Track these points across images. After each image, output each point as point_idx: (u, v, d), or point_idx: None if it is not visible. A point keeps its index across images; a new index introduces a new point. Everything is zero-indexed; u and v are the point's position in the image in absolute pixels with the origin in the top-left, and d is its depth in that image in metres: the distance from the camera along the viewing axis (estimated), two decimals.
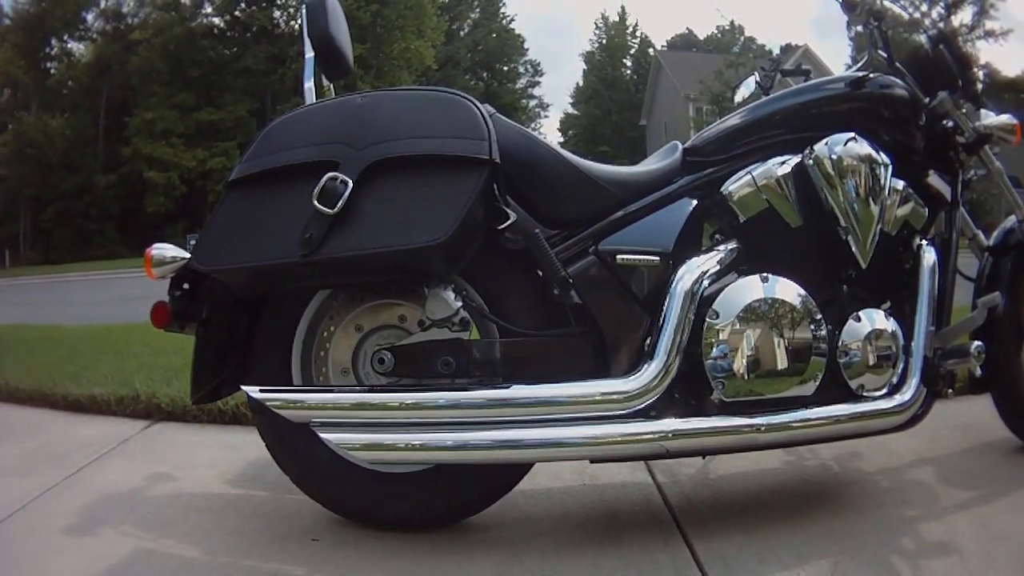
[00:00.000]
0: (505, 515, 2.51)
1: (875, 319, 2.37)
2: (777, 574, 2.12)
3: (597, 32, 67.74)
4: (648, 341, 2.29)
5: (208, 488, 2.99)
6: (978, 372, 2.52)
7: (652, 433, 2.19)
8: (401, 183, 2.12)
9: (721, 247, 2.43)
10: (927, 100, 2.69)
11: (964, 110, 2.76)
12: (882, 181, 2.42)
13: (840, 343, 2.33)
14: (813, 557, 2.19)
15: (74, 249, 37.55)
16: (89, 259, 33.21)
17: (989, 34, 47.15)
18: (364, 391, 2.29)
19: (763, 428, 2.22)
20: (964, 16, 46.10)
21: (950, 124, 2.73)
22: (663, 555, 2.22)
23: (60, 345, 6.18)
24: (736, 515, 2.47)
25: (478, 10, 64.12)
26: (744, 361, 2.26)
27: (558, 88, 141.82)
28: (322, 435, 2.20)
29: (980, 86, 2.86)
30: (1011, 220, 2.98)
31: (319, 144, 2.14)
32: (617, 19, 67.40)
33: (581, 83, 67.36)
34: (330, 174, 2.09)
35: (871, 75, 2.63)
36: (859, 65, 2.90)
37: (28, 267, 34.84)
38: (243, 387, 2.27)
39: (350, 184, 2.09)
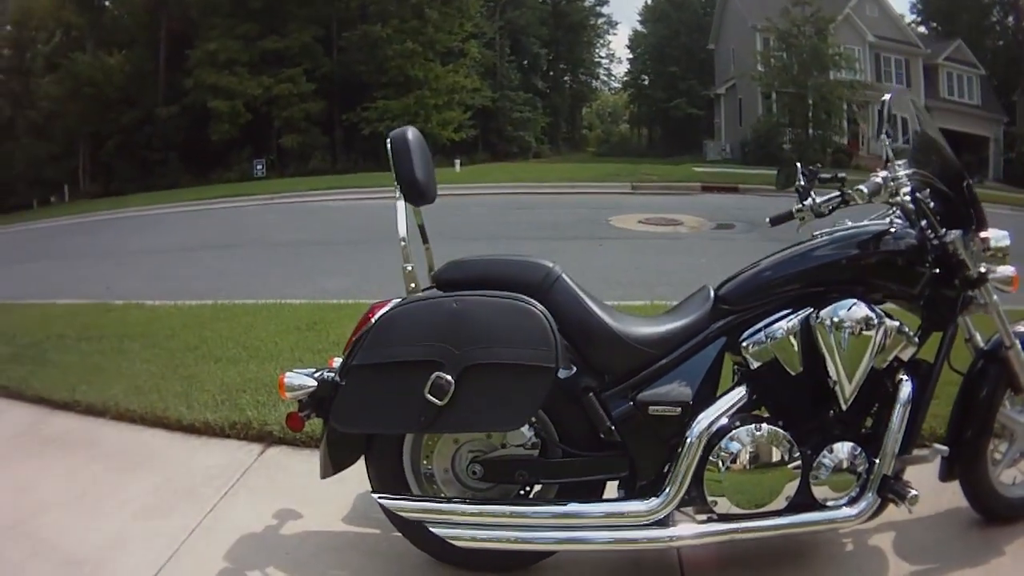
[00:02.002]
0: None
1: (845, 452, 3.29)
2: None
3: None
4: (667, 466, 3.24)
5: (330, 526, 3.86)
6: (910, 510, 3.40)
7: (664, 537, 3.20)
8: (490, 381, 3.03)
9: (732, 393, 3.28)
10: (942, 233, 3.41)
11: (974, 248, 3.45)
12: (876, 339, 3.26)
13: (813, 468, 3.25)
14: None
15: (135, 179, 38.03)
16: (150, 189, 33.43)
17: None
18: (456, 503, 3.28)
19: (745, 531, 3.23)
20: None
21: (958, 258, 3.43)
22: None
23: (149, 340, 6.86)
24: (732, 569, 3.45)
25: None
26: (734, 488, 3.21)
27: (625, 5, 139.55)
28: (432, 530, 3.21)
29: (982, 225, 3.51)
30: (996, 335, 3.68)
31: (426, 344, 3.03)
32: None
33: (650, 1, 65.88)
34: (437, 374, 2.99)
35: (890, 230, 3.43)
36: (882, 215, 3.65)
37: (88, 201, 35.83)
38: (375, 496, 3.31)
39: (453, 384, 2.99)
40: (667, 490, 3.15)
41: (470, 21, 46.20)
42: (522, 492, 3.40)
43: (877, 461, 3.28)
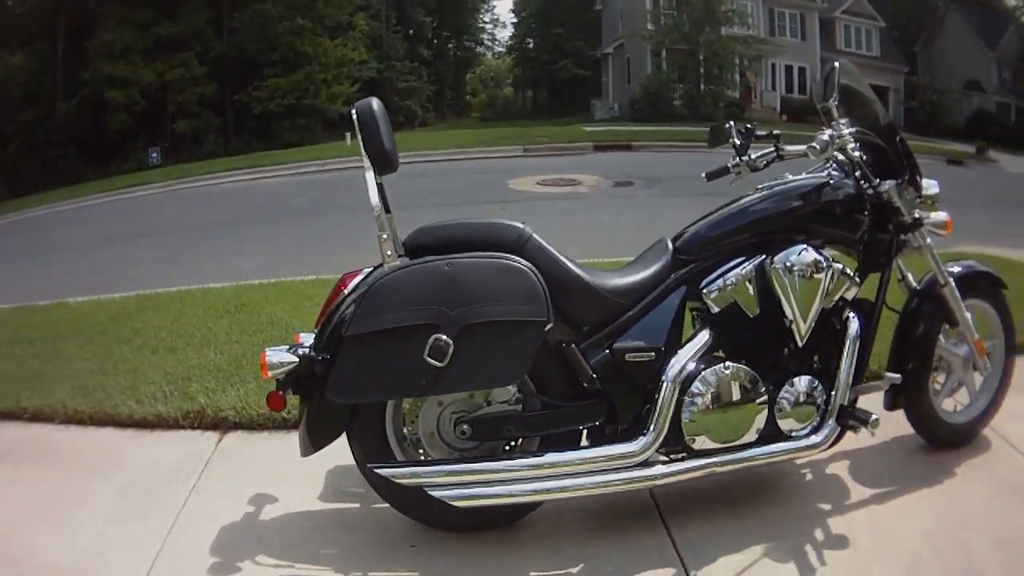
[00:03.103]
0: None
1: (804, 385, 3.65)
2: (725, 557, 3.39)
3: None
4: (644, 410, 3.49)
5: (309, 506, 3.90)
6: (872, 433, 3.78)
7: (649, 476, 3.43)
8: (486, 339, 3.19)
9: (697, 337, 3.58)
10: (876, 183, 3.87)
11: (907, 196, 3.89)
12: (825, 281, 3.63)
13: (777, 401, 3.60)
14: (752, 543, 3.47)
15: (38, 178, 36.99)
16: (53, 187, 32.70)
17: None
18: (454, 463, 3.39)
19: (720, 464, 3.53)
20: None
21: (892, 205, 3.86)
22: (650, 539, 3.56)
23: (83, 338, 6.67)
24: (702, 508, 3.73)
25: None
26: (708, 426, 3.52)
27: None
28: (432, 493, 3.30)
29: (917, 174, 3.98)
30: (929, 273, 4.11)
31: (421, 308, 3.15)
32: None
33: None
34: (435, 336, 3.13)
35: (829, 181, 3.84)
36: (819, 168, 4.02)
37: None
38: (370, 466, 3.38)
39: (452, 345, 3.14)
40: (650, 431, 3.40)
41: None
42: (506, 448, 3.59)
43: (834, 393, 3.68)
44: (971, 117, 38.84)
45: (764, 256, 3.61)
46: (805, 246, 3.62)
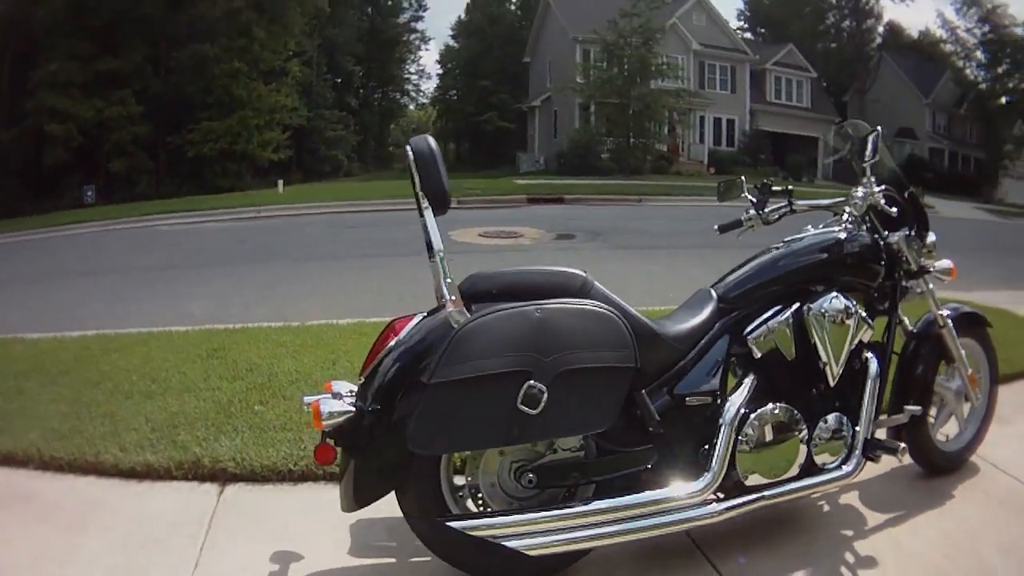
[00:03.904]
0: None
1: (835, 421, 3.88)
2: None
3: None
4: (701, 451, 3.60)
5: (340, 562, 3.69)
6: (900, 460, 4.18)
7: (710, 513, 3.48)
8: (578, 386, 3.15)
9: (746, 381, 3.73)
10: (886, 235, 4.23)
11: (915, 246, 4.30)
12: (852, 325, 3.90)
13: (813, 437, 3.80)
14: (792, 570, 3.65)
15: None
16: None
17: None
18: (533, 511, 3.28)
19: (768, 498, 3.67)
20: None
21: (901, 255, 4.27)
22: (698, 573, 3.66)
23: (45, 377, 6.26)
24: (739, 542, 3.84)
25: None
26: (760, 463, 3.68)
27: (439, 20, 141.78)
28: (508, 544, 3.17)
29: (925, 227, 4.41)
30: (931, 314, 4.51)
31: (513, 354, 3.06)
32: None
33: (464, 16, 66.29)
34: (529, 383, 3.06)
35: (850, 235, 4.12)
36: (838, 223, 4.28)
37: None
38: (441, 519, 3.23)
39: (546, 392, 3.07)
40: (711, 471, 3.50)
41: (293, 39, 45.57)
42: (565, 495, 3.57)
43: (858, 428, 3.94)
44: (904, 164, 39.78)
45: (799, 304, 3.87)
46: (836, 294, 3.90)
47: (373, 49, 64.48)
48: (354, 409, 3.14)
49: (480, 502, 3.44)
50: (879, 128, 4.19)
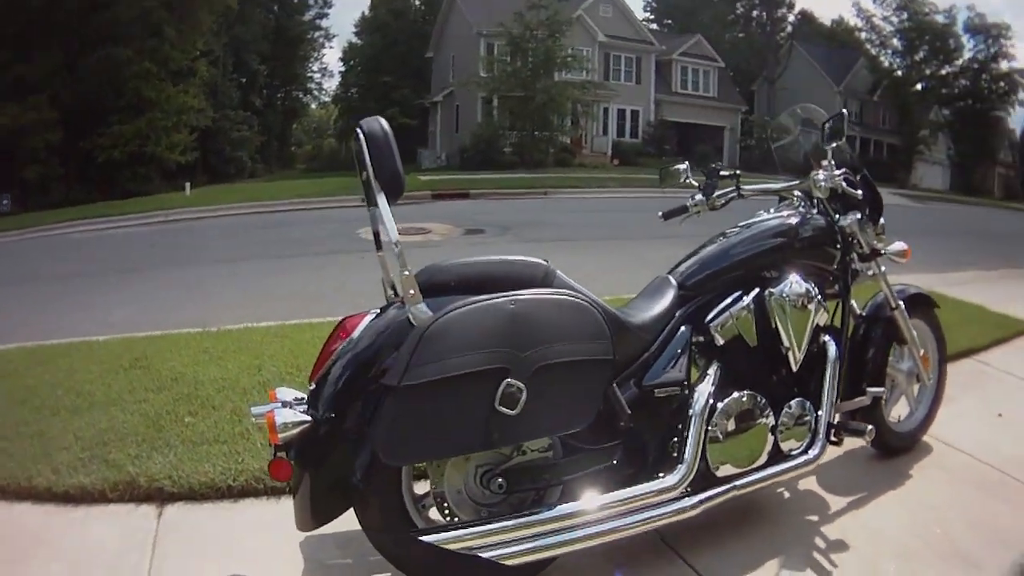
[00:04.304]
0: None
1: (799, 407, 3.84)
2: (749, 574, 3.53)
3: None
4: (672, 444, 3.51)
5: None
6: (868, 442, 4.18)
7: (687, 506, 3.39)
8: (557, 382, 2.97)
9: (711, 370, 3.66)
10: (837, 218, 4.24)
11: (868, 229, 4.35)
12: (813, 309, 3.90)
13: (779, 424, 3.77)
14: (766, 559, 3.63)
15: None
16: None
17: None
18: (506, 520, 3.06)
19: (740, 487, 3.62)
20: None
21: (854, 238, 4.29)
22: (672, 569, 3.59)
23: None
24: (708, 537, 3.77)
25: None
26: (731, 453, 3.62)
27: (344, 16, 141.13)
28: (485, 555, 2.97)
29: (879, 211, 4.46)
30: (880, 296, 4.60)
31: (488, 350, 2.85)
32: None
33: (368, 12, 65.90)
34: (507, 381, 2.86)
35: (805, 219, 4.13)
36: (788, 207, 4.32)
37: None
38: (414, 533, 3.00)
39: (525, 390, 2.88)
40: (684, 464, 3.41)
41: (202, 38, 44.84)
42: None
43: (821, 412, 3.93)
44: (812, 151, 40.83)
45: (760, 289, 3.85)
46: (796, 278, 3.89)
47: (278, 47, 63.58)
48: (309, 419, 2.91)
49: (447, 511, 3.23)
50: (845, 111, 4.19)
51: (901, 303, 4.56)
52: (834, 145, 4.13)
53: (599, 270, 10.86)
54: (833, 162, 4.17)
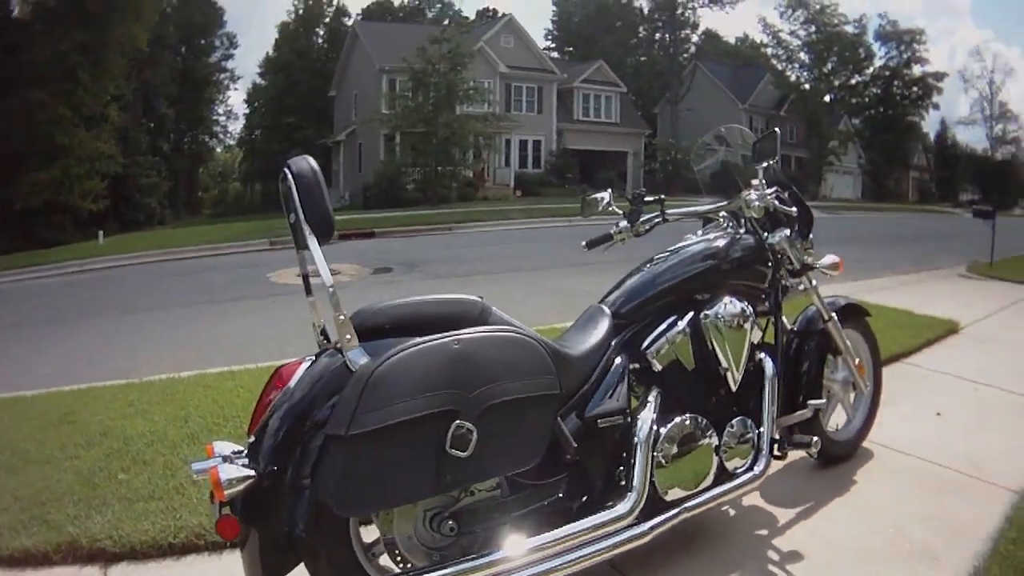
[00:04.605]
0: None
1: (740, 426, 3.83)
2: None
3: (296, 3, 67.61)
4: (619, 472, 3.48)
5: None
6: (813, 455, 4.30)
7: (640, 533, 3.33)
8: (505, 420, 2.89)
9: (651, 396, 3.62)
10: (765, 236, 4.23)
11: (797, 245, 4.34)
12: (748, 328, 3.92)
13: (723, 445, 3.76)
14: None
15: None
16: None
17: (715, 1, 50.33)
18: (465, 561, 2.94)
19: (689, 509, 3.57)
20: None
21: (783, 255, 4.29)
22: None
23: None
24: (658, 562, 3.75)
25: None
26: (678, 477, 3.59)
27: (248, 57, 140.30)
28: None
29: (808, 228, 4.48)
30: (811, 310, 4.65)
31: (436, 392, 2.76)
32: None
33: (272, 52, 65.46)
34: (456, 423, 2.77)
35: (735, 238, 4.14)
36: (715, 228, 4.33)
37: None
38: None
39: (475, 431, 2.80)
40: (633, 492, 3.36)
41: (114, 82, 44.28)
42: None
43: (762, 428, 3.92)
44: (719, 170, 41.37)
45: (694, 312, 3.86)
46: (730, 299, 3.91)
47: (185, 90, 63.17)
48: (254, 474, 2.75)
49: (399, 558, 3.12)
50: (777, 131, 4.22)
51: (834, 315, 4.62)
52: (765, 165, 4.16)
53: (509, 302, 10.88)
54: (764, 181, 4.20)
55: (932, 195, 78.19)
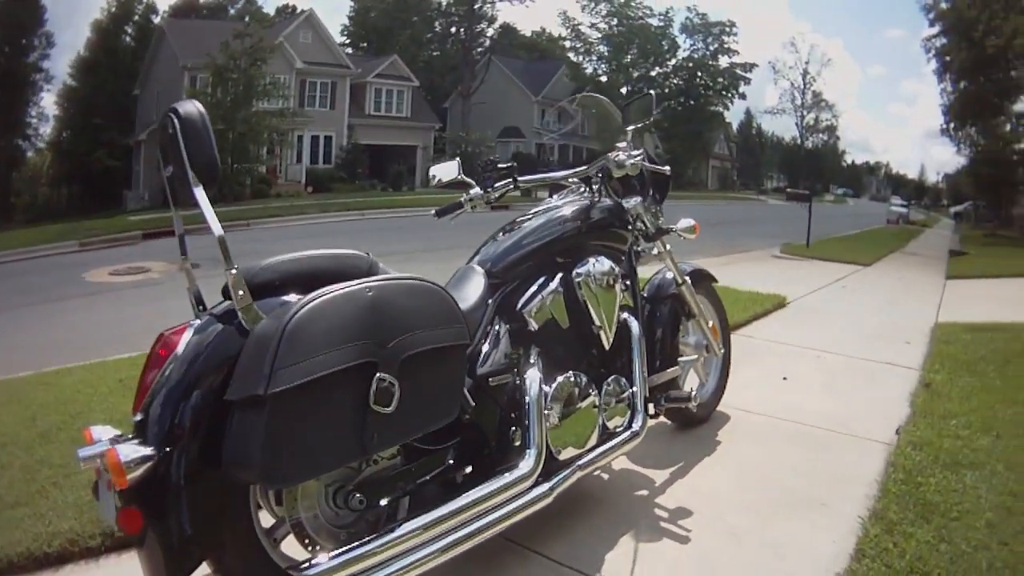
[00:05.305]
0: None
1: (616, 384, 3.86)
2: (610, 553, 3.49)
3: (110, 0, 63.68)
4: (512, 432, 3.39)
5: None
6: (694, 408, 4.48)
7: (543, 493, 3.27)
8: (422, 372, 2.70)
9: (532, 354, 3.58)
10: (622, 201, 4.27)
11: (652, 210, 4.43)
12: (617, 288, 3.94)
13: (602, 403, 3.77)
14: (618, 537, 3.62)
15: None
16: None
17: None
18: (381, 536, 2.73)
19: (583, 467, 3.55)
20: None
21: (639, 220, 4.34)
22: (534, 566, 3.46)
23: None
24: (553, 530, 3.71)
25: None
26: (569, 434, 3.56)
27: (63, 57, 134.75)
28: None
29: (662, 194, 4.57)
30: (663, 275, 4.75)
31: (351, 344, 2.51)
32: None
33: (83, 52, 62.91)
34: (378, 375, 2.56)
35: (595, 202, 4.11)
36: (581, 193, 4.26)
37: None
38: (292, 572, 2.62)
39: (397, 384, 2.60)
40: (531, 451, 3.26)
41: None
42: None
43: (635, 388, 3.95)
44: (510, 162, 42.04)
45: (563, 272, 3.81)
46: (599, 258, 3.92)
47: (3, 92, 60.59)
48: (155, 452, 2.37)
49: (307, 541, 2.80)
50: (653, 93, 4.37)
51: (687, 278, 4.69)
52: (641, 125, 4.26)
53: None
54: (631, 143, 4.26)
55: (732, 183, 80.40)
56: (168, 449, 2.42)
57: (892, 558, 3.31)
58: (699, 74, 67.64)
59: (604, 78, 66.05)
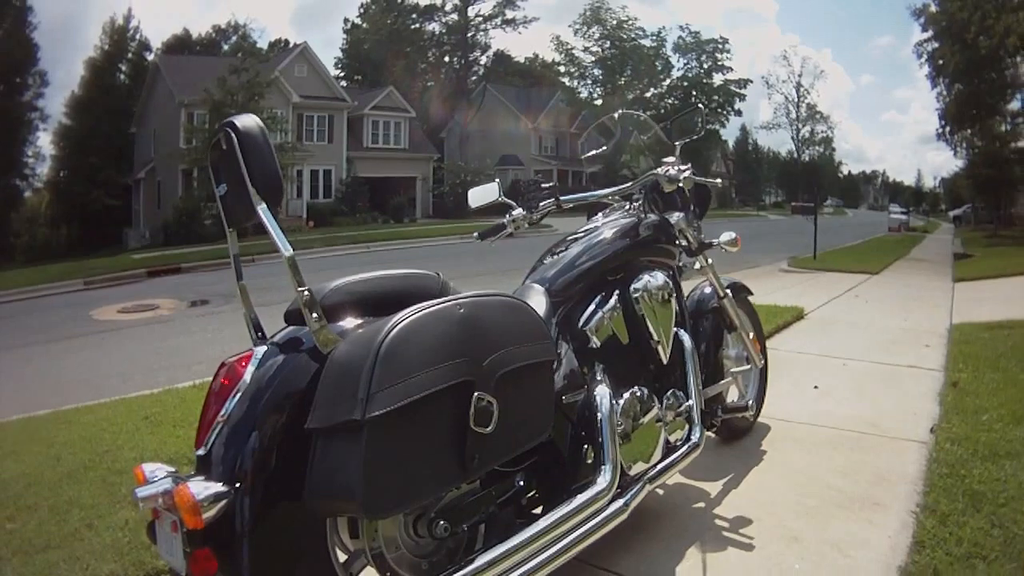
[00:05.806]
0: None
1: (674, 398, 3.87)
2: (678, 566, 3.54)
3: (103, 37, 63.90)
4: (585, 449, 3.33)
5: None
6: (750, 418, 4.65)
7: (620, 508, 3.22)
8: (517, 389, 2.64)
9: (598, 371, 3.52)
10: (667, 215, 4.30)
11: (694, 225, 4.49)
12: (672, 301, 3.98)
13: (663, 417, 3.78)
14: (683, 548, 3.67)
15: None
16: None
17: (508, 23, 50.55)
18: (468, 565, 2.60)
19: (650, 481, 3.54)
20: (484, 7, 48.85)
21: (683, 235, 4.38)
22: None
23: None
24: (617, 544, 3.72)
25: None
26: (639, 450, 3.55)
27: (57, 96, 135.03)
28: None
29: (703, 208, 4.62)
30: (703, 288, 4.80)
31: (448, 363, 2.41)
32: (122, 22, 64.31)
33: (78, 91, 62.97)
34: (477, 394, 2.47)
35: (643, 219, 4.12)
36: (628, 210, 4.30)
37: None
38: None
39: (495, 403, 2.52)
40: (607, 467, 3.20)
41: None
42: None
43: (691, 401, 3.97)
44: (509, 190, 42.12)
45: (620, 288, 3.80)
46: (653, 272, 3.93)
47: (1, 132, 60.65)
48: (227, 490, 2.26)
49: (389, 573, 2.64)
50: (701, 106, 4.35)
51: (728, 291, 4.77)
52: (686, 141, 4.30)
53: None
54: (679, 157, 4.27)
55: (731, 200, 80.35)
56: (239, 485, 2.31)
57: (951, 546, 3.44)
58: (694, 93, 67.65)
59: (599, 101, 66.04)
